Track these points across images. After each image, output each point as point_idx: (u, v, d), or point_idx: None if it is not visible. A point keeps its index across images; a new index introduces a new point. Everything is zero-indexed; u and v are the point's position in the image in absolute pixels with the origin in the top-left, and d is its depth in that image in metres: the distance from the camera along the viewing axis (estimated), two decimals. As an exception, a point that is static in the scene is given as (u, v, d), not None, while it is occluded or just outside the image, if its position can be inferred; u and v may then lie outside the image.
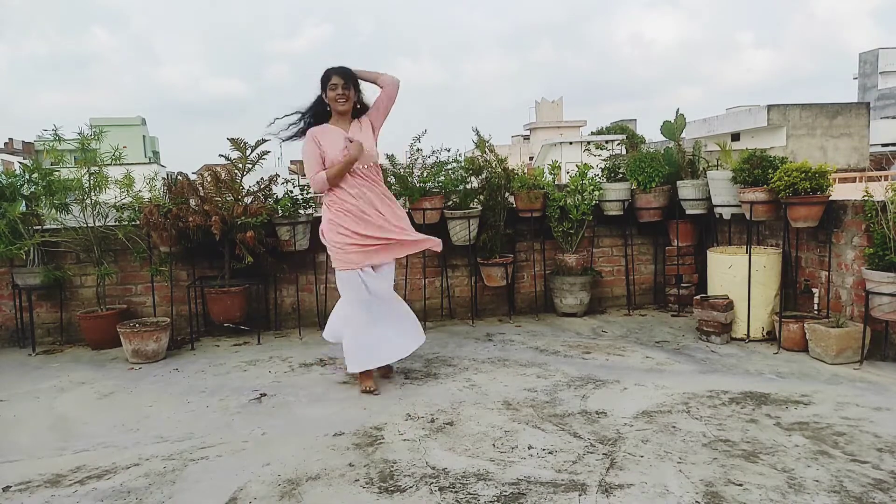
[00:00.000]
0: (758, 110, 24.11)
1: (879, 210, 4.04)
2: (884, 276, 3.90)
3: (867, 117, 24.13)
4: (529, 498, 2.52)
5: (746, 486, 2.58)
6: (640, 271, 6.17)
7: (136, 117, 44.97)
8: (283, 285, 5.58)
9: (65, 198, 5.01)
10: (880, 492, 2.51)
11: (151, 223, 4.89)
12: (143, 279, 5.38)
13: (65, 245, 5.10)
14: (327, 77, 3.78)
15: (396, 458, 2.91)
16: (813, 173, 4.44)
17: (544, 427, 3.22)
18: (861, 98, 37.60)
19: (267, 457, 2.97)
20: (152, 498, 2.63)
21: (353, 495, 2.60)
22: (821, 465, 2.74)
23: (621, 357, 4.47)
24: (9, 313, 5.25)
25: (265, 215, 5.09)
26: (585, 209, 5.60)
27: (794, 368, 4.11)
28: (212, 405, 3.71)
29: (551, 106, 48.98)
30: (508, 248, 5.79)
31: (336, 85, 3.76)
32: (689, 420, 3.26)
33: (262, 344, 5.08)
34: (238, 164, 5.24)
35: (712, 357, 4.42)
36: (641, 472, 2.71)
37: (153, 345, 4.65)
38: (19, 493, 2.71)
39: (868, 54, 41.83)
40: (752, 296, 4.70)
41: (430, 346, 4.86)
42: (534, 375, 4.06)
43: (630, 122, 33.04)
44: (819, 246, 4.74)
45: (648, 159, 5.67)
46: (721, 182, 5.11)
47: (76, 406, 3.78)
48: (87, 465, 2.94)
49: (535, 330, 5.32)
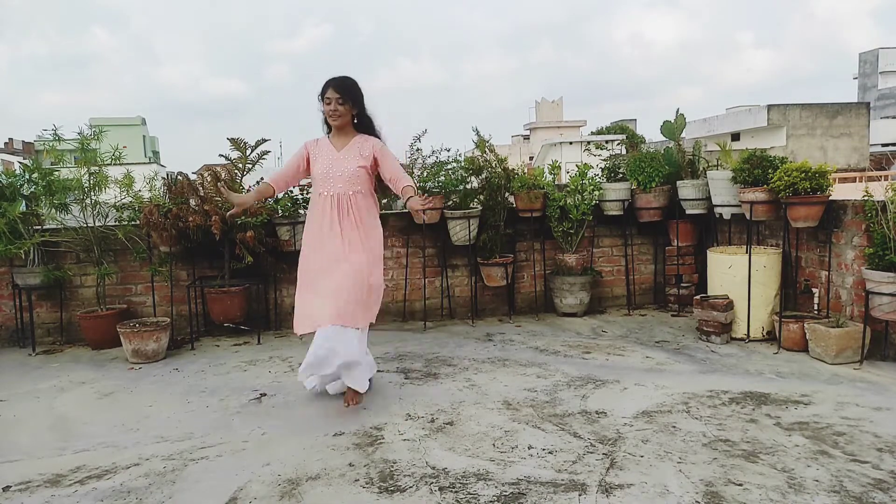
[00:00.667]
0: (758, 110, 24.11)
1: (879, 210, 4.04)
2: (884, 275, 3.90)
3: (867, 117, 24.12)
4: (529, 498, 2.52)
5: (746, 485, 2.58)
6: (640, 271, 6.17)
7: (136, 117, 44.96)
8: (283, 285, 5.57)
9: (65, 198, 5.01)
10: (880, 492, 2.51)
11: (151, 223, 4.89)
12: (143, 279, 5.38)
13: (65, 245, 5.10)
14: (323, 90, 3.54)
15: (396, 458, 2.91)
16: (813, 173, 4.45)
17: (544, 427, 3.22)
18: (861, 98, 37.59)
19: (267, 457, 2.96)
20: (152, 498, 2.63)
21: (353, 495, 2.60)
22: (821, 464, 2.74)
23: (621, 357, 4.47)
24: (9, 313, 5.25)
25: (265, 215, 5.09)
26: (585, 209, 5.60)
27: (794, 368, 4.11)
28: (212, 405, 3.71)
29: (551, 106, 48.98)
30: (508, 248, 5.79)
31: (330, 99, 3.52)
32: (689, 420, 3.26)
33: (262, 344, 5.08)
34: (238, 163, 5.24)
35: (712, 357, 4.42)
36: (641, 472, 2.71)
37: (153, 345, 4.65)
38: (19, 493, 2.70)
39: (868, 54, 41.82)
40: (752, 296, 4.70)
41: (430, 346, 4.86)
42: (534, 375, 4.06)
43: (630, 122, 33.03)
44: (819, 246, 4.74)
45: (648, 159, 5.67)
46: (721, 182, 5.11)
47: (76, 406, 3.78)
48: (87, 465, 2.94)
49: (535, 330, 5.32)
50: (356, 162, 3.57)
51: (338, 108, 3.51)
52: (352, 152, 3.60)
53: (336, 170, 3.55)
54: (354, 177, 3.56)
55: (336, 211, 3.52)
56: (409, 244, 5.70)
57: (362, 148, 3.61)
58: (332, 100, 3.51)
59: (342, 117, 3.55)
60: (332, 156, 3.59)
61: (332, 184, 3.55)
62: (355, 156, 3.59)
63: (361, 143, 3.63)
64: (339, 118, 3.54)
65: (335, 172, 3.55)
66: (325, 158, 3.60)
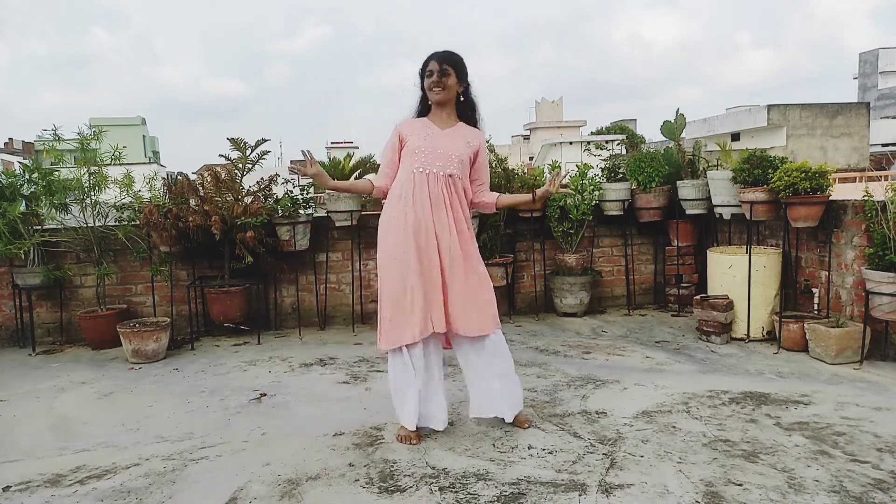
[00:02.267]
0: (758, 110, 24.09)
1: (879, 210, 4.04)
2: (884, 275, 3.90)
3: (867, 117, 24.09)
4: (529, 498, 2.52)
5: (746, 486, 2.58)
6: (640, 271, 6.17)
7: (136, 117, 44.96)
8: (283, 285, 5.58)
9: (65, 198, 5.01)
10: (880, 492, 2.51)
11: (151, 223, 4.89)
12: (143, 279, 5.38)
13: (65, 245, 5.10)
14: (425, 63, 3.07)
15: (396, 458, 2.91)
16: (813, 173, 4.44)
17: (544, 427, 3.22)
18: (861, 98, 37.57)
19: (267, 457, 2.96)
20: (152, 498, 2.63)
21: (353, 495, 2.60)
22: (821, 464, 2.74)
23: (621, 357, 4.47)
24: (9, 313, 5.25)
25: (265, 215, 5.09)
26: (585, 209, 5.60)
27: (794, 368, 4.11)
28: (212, 405, 3.71)
29: (551, 106, 48.96)
30: (508, 248, 5.79)
31: (432, 71, 3.03)
32: (689, 420, 3.26)
33: (262, 344, 5.08)
34: (238, 163, 5.24)
35: (712, 357, 4.42)
36: (641, 472, 2.71)
37: (153, 345, 4.65)
38: (19, 493, 2.70)
39: (868, 54, 41.80)
40: (752, 296, 4.70)
41: (430, 346, 4.86)
42: (534, 375, 4.06)
43: (630, 122, 33.03)
44: (819, 246, 4.74)
45: (648, 159, 5.67)
46: (721, 182, 5.11)
47: (76, 406, 3.78)
48: (87, 465, 2.94)
49: (535, 330, 5.32)
50: (463, 148, 3.11)
51: (442, 79, 3.03)
52: (459, 134, 3.13)
53: (439, 147, 3.06)
54: (458, 161, 3.09)
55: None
56: (409, 244, 5.69)
57: (469, 136, 3.16)
58: (435, 71, 3.02)
59: (447, 90, 3.05)
60: (434, 132, 3.10)
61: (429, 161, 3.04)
62: (462, 141, 3.12)
63: (467, 130, 3.17)
64: (442, 91, 3.04)
65: (436, 150, 3.06)
66: (422, 134, 3.08)
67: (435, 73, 3.04)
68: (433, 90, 3.06)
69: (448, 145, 3.07)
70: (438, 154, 3.04)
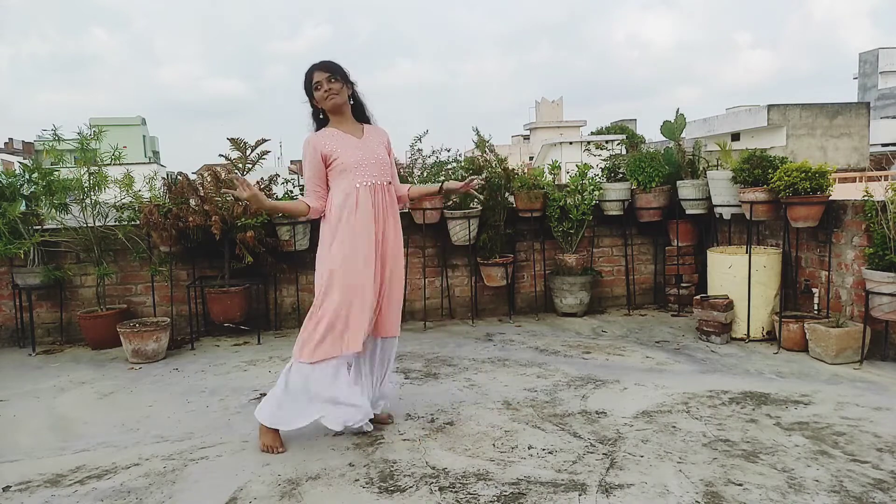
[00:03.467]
0: (758, 110, 24.11)
1: (879, 210, 4.04)
2: (884, 275, 3.90)
3: (867, 117, 24.12)
4: (529, 498, 2.52)
5: (746, 486, 2.58)
6: (640, 271, 6.17)
7: (136, 117, 44.94)
8: (283, 285, 5.58)
9: (65, 198, 5.01)
10: (880, 492, 2.51)
11: (151, 223, 4.89)
12: (143, 279, 5.38)
13: (65, 245, 5.10)
14: (308, 78, 3.08)
15: (396, 458, 2.91)
16: (813, 173, 4.44)
17: (544, 427, 3.22)
18: (861, 98, 37.57)
19: (267, 457, 2.96)
20: (152, 498, 2.63)
21: (353, 495, 2.60)
22: (821, 464, 2.74)
23: (621, 357, 4.47)
24: (9, 313, 5.25)
25: (265, 215, 5.09)
26: (585, 209, 5.60)
27: (794, 368, 4.11)
28: (212, 405, 3.71)
29: (551, 106, 48.96)
30: (508, 248, 5.79)
31: (320, 82, 3.05)
32: (689, 420, 3.26)
33: (262, 344, 5.08)
34: (238, 163, 5.25)
35: (712, 357, 4.42)
36: (641, 472, 2.71)
37: (153, 345, 4.65)
38: (19, 493, 2.70)
39: (868, 54, 41.80)
40: (752, 296, 4.70)
41: (430, 346, 4.87)
42: (534, 375, 4.06)
43: (630, 122, 32.99)
44: (819, 246, 4.74)
45: (648, 159, 5.67)
46: (721, 182, 5.11)
47: (76, 406, 3.78)
48: (87, 465, 2.94)
49: (535, 330, 5.32)
50: (382, 150, 3.17)
51: (332, 85, 3.05)
52: (373, 139, 3.16)
53: (370, 157, 3.08)
54: (387, 166, 3.15)
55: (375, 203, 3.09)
56: (408, 244, 5.69)
57: (378, 137, 3.20)
58: (323, 80, 3.05)
59: (339, 94, 3.06)
60: (354, 143, 3.09)
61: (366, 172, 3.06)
62: (378, 145, 3.16)
63: (372, 130, 3.20)
64: (335, 95, 3.05)
65: (369, 160, 3.07)
66: (346, 147, 3.06)
67: (323, 81, 3.06)
68: (329, 98, 3.06)
69: (373, 152, 3.12)
70: (372, 164, 3.09)
